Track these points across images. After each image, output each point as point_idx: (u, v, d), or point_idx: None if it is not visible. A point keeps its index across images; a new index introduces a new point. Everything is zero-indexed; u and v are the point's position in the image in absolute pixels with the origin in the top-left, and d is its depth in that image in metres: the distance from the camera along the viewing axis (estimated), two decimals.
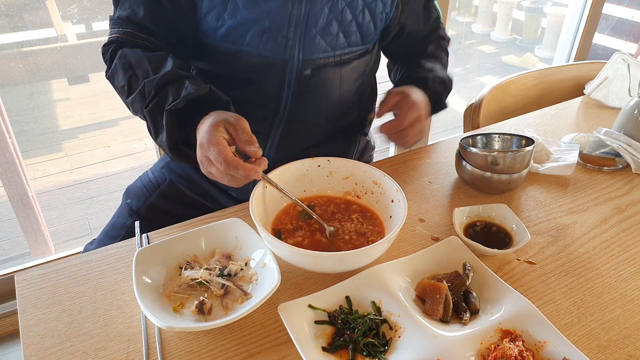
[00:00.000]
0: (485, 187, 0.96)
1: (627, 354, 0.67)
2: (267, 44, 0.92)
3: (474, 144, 1.02)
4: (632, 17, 3.94)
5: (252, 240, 0.77)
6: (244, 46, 0.92)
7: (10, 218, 2.09)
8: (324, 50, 0.95)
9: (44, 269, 0.77)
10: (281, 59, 0.93)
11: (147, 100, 0.81)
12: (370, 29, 0.99)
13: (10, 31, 2.05)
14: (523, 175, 0.94)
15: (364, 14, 0.96)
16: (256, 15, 0.89)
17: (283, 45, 0.92)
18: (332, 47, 0.96)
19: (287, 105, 0.98)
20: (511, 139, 1.01)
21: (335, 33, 0.95)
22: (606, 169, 1.06)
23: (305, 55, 0.94)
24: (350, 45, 0.98)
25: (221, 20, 0.90)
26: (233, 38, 0.91)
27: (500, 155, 0.90)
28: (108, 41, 0.91)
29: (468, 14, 4.75)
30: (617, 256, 0.83)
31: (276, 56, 0.93)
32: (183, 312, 0.69)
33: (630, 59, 1.33)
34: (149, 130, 0.83)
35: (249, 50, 0.92)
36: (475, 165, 0.93)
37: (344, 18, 0.94)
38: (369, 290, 0.71)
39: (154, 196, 1.07)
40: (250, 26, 0.90)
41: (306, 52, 0.94)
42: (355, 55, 1.01)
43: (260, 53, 0.92)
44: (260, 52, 0.92)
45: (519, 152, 0.91)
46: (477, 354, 0.64)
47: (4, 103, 1.78)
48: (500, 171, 0.92)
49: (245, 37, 0.91)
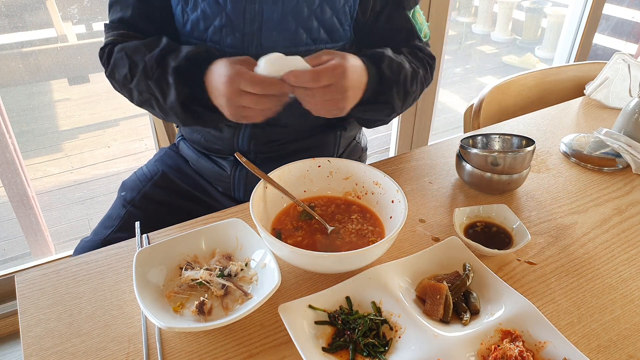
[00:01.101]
0: (485, 188, 0.96)
1: (627, 354, 0.67)
2: (227, 40, 0.93)
3: (474, 145, 1.02)
4: (632, 18, 3.94)
5: (252, 241, 0.77)
6: (207, 42, 0.94)
7: (11, 218, 2.09)
8: (284, 47, 0.93)
9: (44, 269, 0.77)
10: (241, 55, 0.92)
11: (150, 73, 0.85)
12: (334, 24, 0.95)
13: (10, 31, 2.05)
14: (523, 176, 0.94)
15: (322, 8, 0.93)
16: (215, 10, 0.91)
17: (241, 40, 0.93)
18: (293, 44, 0.93)
19: None
20: (511, 139, 1.01)
21: (293, 28, 0.92)
22: (606, 169, 1.06)
23: (265, 51, 0.89)
24: (317, 42, 0.95)
25: (185, 15, 0.93)
26: (197, 33, 0.94)
27: (501, 155, 0.91)
28: (104, 44, 0.94)
29: (468, 14, 4.75)
30: (618, 257, 0.83)
31: (236, 51, 0.93)
32: (183, 312, 0.69)
33: (631, 59, 1.33)
34: (157, 102, 0.87)
35: (212, 46, 0.94)
36: (475, 165, 0.93)
37: (300, 12, 0.91)
38: (369, 291, 0.71)
39: (148, 187, 1.10)
40: (211, 21, 0.92)
41: (265, 48, 0.92)
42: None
43: (222, 49, 0.94)
44: (222, 48, 0.94)
45: (519, 152, 0.91)
46: (477, 355, 0.64)
47: (4, 103, 1.78)
48: (501, 172, 0.92)
49: (207, 33, 0.93)
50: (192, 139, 1.11)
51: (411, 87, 0.95)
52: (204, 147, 1.09)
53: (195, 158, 1.11)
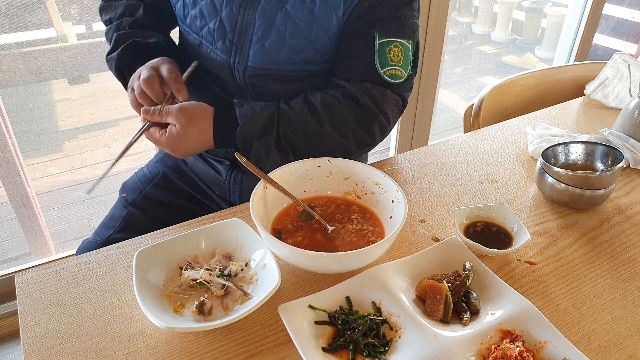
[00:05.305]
0: (574, 204, 0.92)
1: (627, 354, 0.67)
2: (217, 43, 0.94)
3: (554, 155, 0.97)
4: (632, 18, 3.94)
5: (252, 241, 0.77)
6: (203, 39, 0.96)
7: (11, 218, 2.09)
8: (269, 63, 0.92)
9: (44, 269, 0.77)
10: (227, 62, 0.94)
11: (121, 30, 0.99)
12: (327, 45, 0.92)
13: (10, 31, 2.05)
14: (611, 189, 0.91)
15: (312, 29, 0.89)
16: (211, 11, 0.93)
17: (229, 48, 0.93)
18: (280, 61, 0.92)
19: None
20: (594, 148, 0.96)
21: (282, 46, 0.90)
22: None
23: (251, 63, 0.92)
24: (307, 63, 0.93)
25: (186, 9, 0.97)
26: (195, 28, 0.96)
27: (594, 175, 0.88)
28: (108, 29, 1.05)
29: (468, 15, 4.75)
30: (618, 257, 0.83)
31: (224, 57, 0.95)
32: (183, 312, 0.69)
33: (631, 59, 1.33)
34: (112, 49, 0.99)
35: (206, 45, 0.96)
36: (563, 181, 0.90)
37: (290, 32, 0.89)
38: (369, 291, 0.71)
39: (149, 188, 1.11)
40: (207, 21, 0.93)
41: (251, 61, 0.92)
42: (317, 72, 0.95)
43: (213, 50, 0.96)
44: (213, 50, 0.95)
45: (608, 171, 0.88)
46: (477, 355, 0.64)
47: (4, 103, 1.78)
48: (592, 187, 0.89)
49: (203, 30, 0.95)
50: None
51: (299, 137, 0.89)
52: None
53: (193, 160, 1.11)
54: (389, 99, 0.93)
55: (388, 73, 0.92)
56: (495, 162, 1.07)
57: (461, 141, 1.14)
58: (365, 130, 0.93)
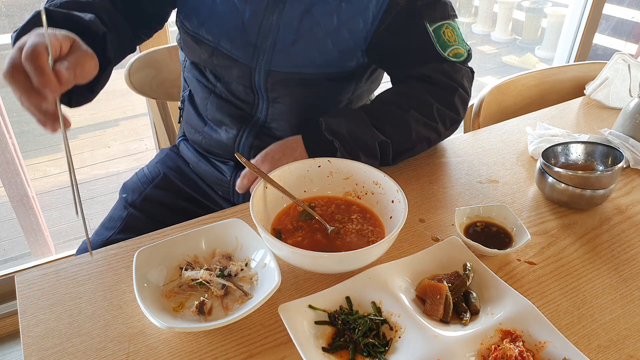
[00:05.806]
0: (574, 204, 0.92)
1: (627, 354, 0.67)
2: (237, 46, 0.92)
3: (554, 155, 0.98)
4: (632, 18, 3.94)
5: (252, 241, 0.77)
6: (219, 42, 0.93)
7: (11, 218, 2.09)
8: (293, 66, 0.92)
9: (44, 270, 0.77)
10: (248, 65, 0.93)
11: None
12: (351, 48, 0.93)
13: (10, 31, 2.05)
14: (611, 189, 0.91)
15: (339, 32, 0.90)
16: (232, 15, 0.90)
17: (251, 52, 0.92)
18: (304, 64, 0.92)
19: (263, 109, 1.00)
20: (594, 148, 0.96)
21: (307, 50, 0.91)
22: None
23: (274, 67, 0.91)
24: (330, 66, 0.93)
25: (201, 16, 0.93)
26: (210, 33, 0.93)
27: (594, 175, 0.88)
28: None
29: (468, 15, 4.75)
30: (617, 257, 0.83)
31: (244, 61, 0.93)
32: (183, 312, 0.69)
33: (631, 59, 1.33)
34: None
35: (222, 47, 0.93)
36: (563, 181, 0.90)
37: (316, 34, 0.90)
38: (369, 291, 0.71)
39: (149, 188, 1.10)
40: (225, 22, 0.91)
41: (276, 64, 0.92)
42: (335, 77, 0.96)
43: (230, 54, 0.93)
44: (230, 53, 0.93)
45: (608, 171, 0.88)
46: (477, 355, 0.64)
47: (4, 103, 1.78)
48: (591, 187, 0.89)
49: (220, 31, 0.92)
50: (193, 139, 1.11)
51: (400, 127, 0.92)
52: (204, 149, 1.09)
53: (195, 161, 1.11)
54: (462, 72, 0.97)
55: (452, 53, 0.95)
56: (495, 162, 1.07)
57: (461, 141, 1.14)
58: (448, 106, 0.95)
